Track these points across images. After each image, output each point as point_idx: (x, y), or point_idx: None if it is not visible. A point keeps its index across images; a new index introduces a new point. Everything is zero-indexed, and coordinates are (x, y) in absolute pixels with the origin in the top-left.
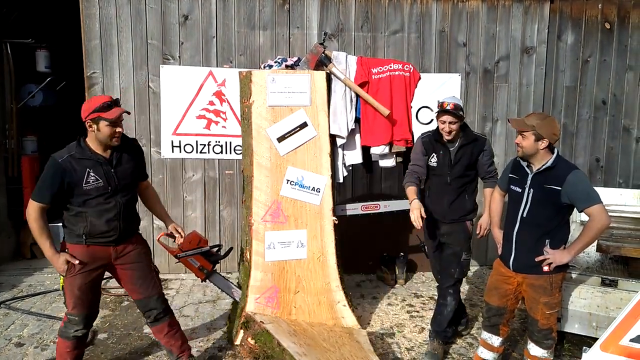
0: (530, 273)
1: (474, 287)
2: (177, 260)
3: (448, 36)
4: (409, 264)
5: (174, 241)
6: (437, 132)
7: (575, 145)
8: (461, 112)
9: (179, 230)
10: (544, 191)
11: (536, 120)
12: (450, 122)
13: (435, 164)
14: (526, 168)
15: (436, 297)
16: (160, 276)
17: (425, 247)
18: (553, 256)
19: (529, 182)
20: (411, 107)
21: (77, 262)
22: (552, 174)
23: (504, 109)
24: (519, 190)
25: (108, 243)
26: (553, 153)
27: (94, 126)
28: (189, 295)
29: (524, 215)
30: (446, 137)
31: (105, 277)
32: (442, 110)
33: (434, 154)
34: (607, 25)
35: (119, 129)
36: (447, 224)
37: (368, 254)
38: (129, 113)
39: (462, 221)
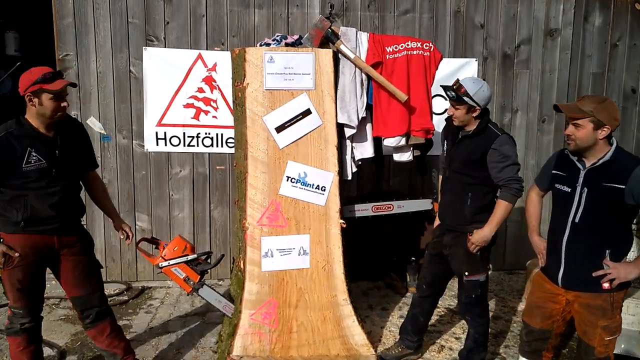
0: (585, 291)
1: (494, 296)
2: (159, 271)
3: (464, 17)
4: (420, 268)
5: (156, 247)
6: None
7: None
8: (468, 99)
9: (128, 231)
10: (602, 190)
11: (593, 104)
12: (452, 105)
13: (445, 152)
14: (577, 163)
15: (455, 309)
16: (144, 284)
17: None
18: (616, 271)
19: (581, 179)
20: (431, 91)
21: (16, 254)
22: (612, 169)
23: (524, 98)
24: (568, 189)
25: (51, 231)
26: (611, 144)
27: (35, 100)
28: (175, 307)
29: (576, 220)
30: (454, 123)
31: None
32: (446, 89)
33: (446, 140)
34: (638, 6)
35: (64, 103)
36: (449, 232)
37: (375, 258)
38: (75, 85)
39: (462, 232)
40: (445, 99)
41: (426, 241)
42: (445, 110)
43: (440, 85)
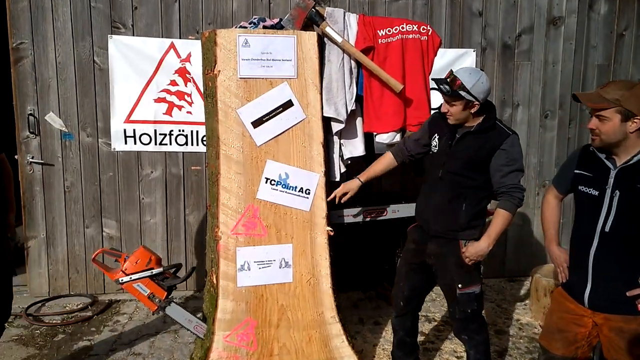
0: (617, 312)
1: (495, 306)
2: (120, 287)
3: (461, 3)
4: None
5: (116, 260)
6: None
7: None
8: (465, 93)
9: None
10: (637, 193)
11: (619, 91)
12: (447, 102)
13: (435, 149)
14: (605, 161)
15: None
16: (110, 297)
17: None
18: None
19: (611, 181)
20: (429, 80)
21: None
22: None
23: (525, 91)
24: (595, 193)
25: None
26: None
27: None
28: (144, 324)
29: (606, 229)
30: (449, 121)
31: (40, 299)
32: (437, 82)
33: (436, 135)
34: None
35: None
36: (433, 239)
37: (366, 266)
38: None
39: (452, 238)
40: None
41: None
42: (441, 105)
43: (432, 79)
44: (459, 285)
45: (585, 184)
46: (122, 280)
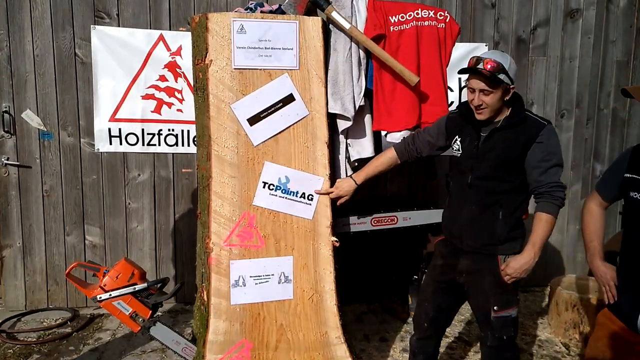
0: None
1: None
2: (99, 305)
3: None
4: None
5: (94, 275)
6: (466, 105)
7: (626, 135)
8: (503, 77)
9: None
10: None
11: None
12: (481, 91)
13: (458, 154)
14: None
15: (467, 339)
16: (91, 311)
17: (423, 278)
18: None
19: None
20: (447, 73)
21: None
22: None
23: (541, 88)
24: None
25: None
26: None
27: None
28: (129, 341)
29: None
30: (477, 115)
31: (16, 314)
32: (471, 71)
33: (458, 137)
34: None
35: None
36: (467, 254)
37: (371, 277)
38: None
39: (489, 254)
40: (451, 91)
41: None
42: (451, 103)
43: (460, 71)
44: (495, 308)
45: (639, 190)
46: (100, 297)
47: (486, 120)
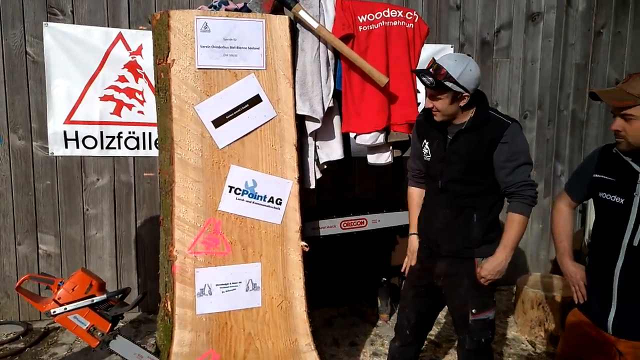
0: None
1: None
2: (53, 319)
3: None
4: (393, 290)
5: (47, 287)
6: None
7: (585, 135)
8: (452, 84)
9: None
10: None
11: None
12: (430, 95)
13: (428, 158)
14: (633, 164)
15: (437, 341)
16: (46, 325)
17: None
18: None
19: None
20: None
21: None
22: None
23: (504, 90)
24: (621, 201)
25: None
26: None
27: None
28: (87, 355)
29: (635, 242)
30: (434, 117)
31: None
32: (416, 73)
33: (426, 141)
34: None
35: None
36: (444, 258)
37: (339, 280)
38: None
39: (466, 257)
40: (418, 92)
41: (399, 258)
42: (418, 104)
43: (412, 71)
44: (473, 311)
45: (608, 191)
46: (54, 312)
47: (448, 121)
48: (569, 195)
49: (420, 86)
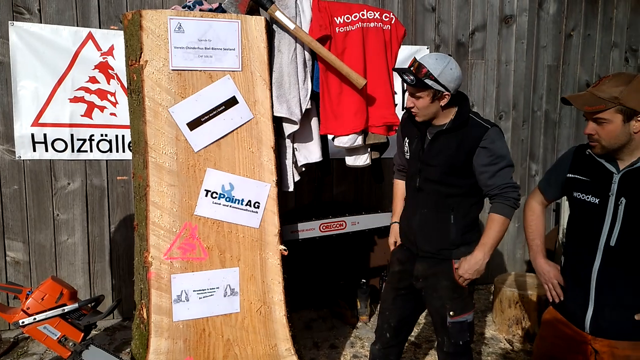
0: (624, 338)
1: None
2: (21, 330)
3: None
4: (372, 292)
5: (15, 297)
6: None
7: (558, 135)
8: (432, 82)
9: None
10: None
11: (617, 88)
12: (411, 94)
13: (407, 156)
14: (606, 164)
15: (417, 342)
16: (15, 335)
17: (384, 285)
18: None
19: (614, 187)
20: (393, 75)
21: None
22: None
23: (480, 91)
24: (595, 200)
25: None
26: None
27: None
28: None
29: (612, 243)
30: (417, 119)
31: None
32: (396, 71)
33: (407, 139)
34: None
35: None
36: (422, 259)
37: (318, 282)
38: None
39: (444, 258)
40: (395, 94)
41: (378, 260)
42: (395, 105)
43: (394, 69)
44: (451, 313)
45: (582, 190)
46: (23, 322)
47: (429, 121)
48: (542, 194)
49: (397, 87)
